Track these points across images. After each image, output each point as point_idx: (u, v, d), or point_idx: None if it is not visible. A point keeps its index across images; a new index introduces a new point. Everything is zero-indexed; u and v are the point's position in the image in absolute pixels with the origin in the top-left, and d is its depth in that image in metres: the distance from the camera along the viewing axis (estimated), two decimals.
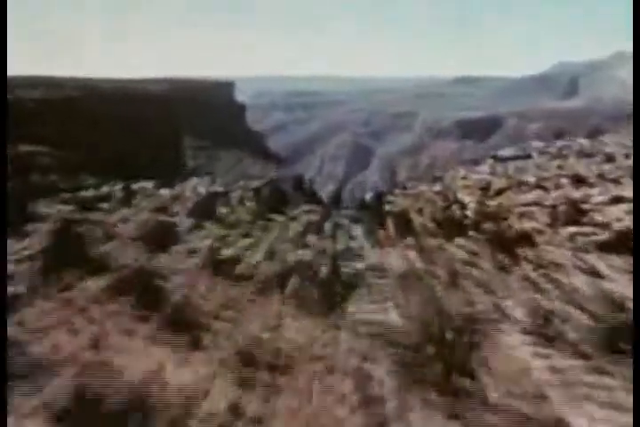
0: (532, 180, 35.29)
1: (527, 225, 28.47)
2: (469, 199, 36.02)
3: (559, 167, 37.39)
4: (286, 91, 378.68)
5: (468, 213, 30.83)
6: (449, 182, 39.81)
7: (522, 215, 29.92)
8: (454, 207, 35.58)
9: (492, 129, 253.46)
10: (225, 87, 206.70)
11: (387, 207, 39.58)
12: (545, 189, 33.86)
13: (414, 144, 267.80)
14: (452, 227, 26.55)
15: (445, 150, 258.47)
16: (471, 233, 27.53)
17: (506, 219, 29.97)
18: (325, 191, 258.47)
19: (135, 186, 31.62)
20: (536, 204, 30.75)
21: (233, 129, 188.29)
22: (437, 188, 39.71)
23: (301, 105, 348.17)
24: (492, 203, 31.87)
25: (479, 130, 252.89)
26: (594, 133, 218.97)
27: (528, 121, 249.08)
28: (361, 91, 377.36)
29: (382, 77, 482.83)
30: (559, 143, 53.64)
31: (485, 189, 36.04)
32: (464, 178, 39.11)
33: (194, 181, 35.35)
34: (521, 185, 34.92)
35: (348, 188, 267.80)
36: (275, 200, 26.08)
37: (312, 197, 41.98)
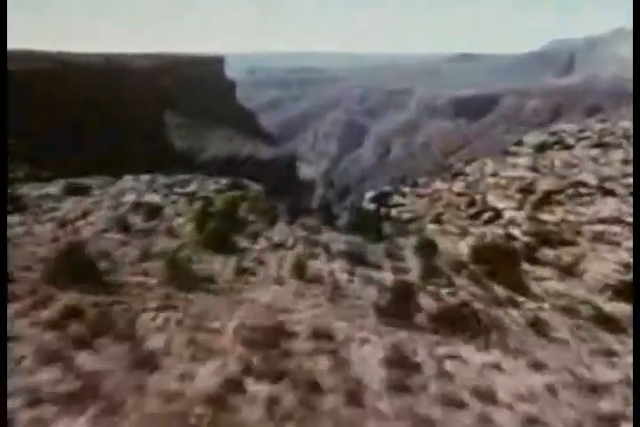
0: (592, 180, 25.06)
1: (610, 257, 18.58)
2: (505, 205, 25.95)
3: (625, 162, 27.02)
4: (281, 67, 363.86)
5: (516, 232, 20.73)
6: (475, 179, 29.48)
7: (596, 238, 20.00)
8: (486, 216, 25.55)
9: (489, 107, 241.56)
10: (215, 63, 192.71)
11: (393, 212, 29.41)
12: (614, 194, 23.78)
13: (409, 122, 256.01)
14: (496, 255, 16.46)
15: (441, 129, 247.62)
16: (528, 268, 17.45)
17: (573, 244, 20.08)
18: (318, 170, 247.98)
19: (38, 192, 21.16)
20: (614, 220, 20.77)
21: (224, 107, 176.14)
22: (459, 186, 29.43)
23: (296, 81, 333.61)
24: (549, 218, 21.73)
25: (475, 108, 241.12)
26: (592, 111, 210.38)
27: (525, 98, 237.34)
28: (357, 67, 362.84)
29: (379, 54, 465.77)
30: (597, 126, 42.96)
31: (527, 191, 25.86)
32: (494, 175, 28.74)
33: (127, 181, 24.66)
34: (578, 187, 24.73)
35: (341, 166, 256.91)
36: (228, 222, 15.82)
37: (293, 206, 31.37)
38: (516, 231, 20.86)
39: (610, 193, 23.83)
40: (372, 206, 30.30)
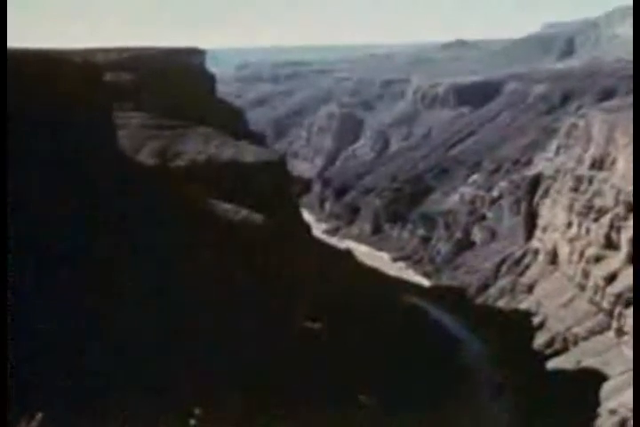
0: None
1: None
2: None
3: None
4: (272, 61, 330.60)
5: None
6: None
7: None
8: None
9: (491, 94, 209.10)
10: (193, 56, 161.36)
11: None
12: None
13: (407, 113, 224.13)
14: None
15: (441, 119, 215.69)
16: None
17: None
18: (314, 167, 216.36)
19: None
20: None
21: (202, 103, 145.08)
22: None
23: (288, 75, 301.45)
24: None
25: (477, 95, 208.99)
26: (606, 94, 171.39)
27: (530, 84, 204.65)
28: (349, 59, 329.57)
29: (371, 44, 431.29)
30: None
31: None
32: None
33: None
34: None
35: (338, 161, 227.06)
36: None
37: None
38: None
39: None
40: None
